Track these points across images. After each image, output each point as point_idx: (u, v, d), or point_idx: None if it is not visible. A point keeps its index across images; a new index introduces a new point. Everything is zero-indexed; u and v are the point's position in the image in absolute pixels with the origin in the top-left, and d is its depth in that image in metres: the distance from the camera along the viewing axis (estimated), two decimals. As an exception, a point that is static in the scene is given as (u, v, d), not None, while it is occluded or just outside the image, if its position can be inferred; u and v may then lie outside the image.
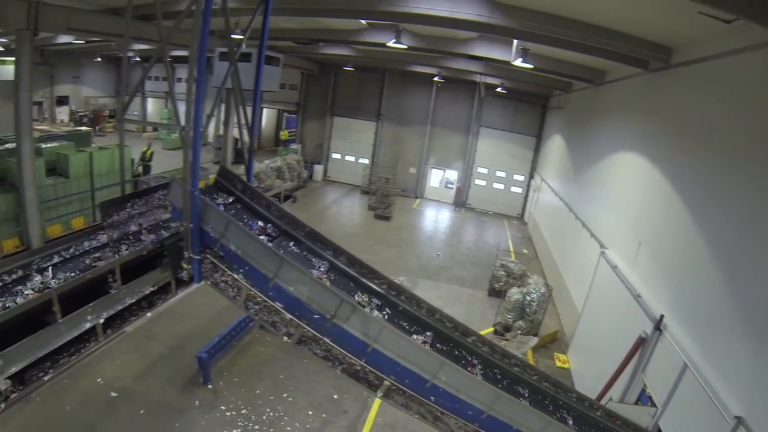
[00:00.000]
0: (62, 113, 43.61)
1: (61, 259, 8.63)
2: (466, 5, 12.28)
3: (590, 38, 12.08)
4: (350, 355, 8.25)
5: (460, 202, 34.32)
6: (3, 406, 7.25)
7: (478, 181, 34.46)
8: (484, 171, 34.18)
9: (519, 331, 16.41)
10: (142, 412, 11.56)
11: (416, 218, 31.82)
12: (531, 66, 16.66)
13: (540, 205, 29.13)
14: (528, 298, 16.71)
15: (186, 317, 15.01)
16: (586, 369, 14.17)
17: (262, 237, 9.00)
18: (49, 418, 10.97)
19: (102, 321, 8.27)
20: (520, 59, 15.57)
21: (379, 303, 9.13)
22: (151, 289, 9.27)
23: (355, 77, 36.07)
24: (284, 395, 12.55)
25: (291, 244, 9.48)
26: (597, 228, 16.26)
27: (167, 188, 9.83)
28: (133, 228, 9.72)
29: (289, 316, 8.15)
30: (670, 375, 8.96)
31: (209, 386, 12.48)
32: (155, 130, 43.73)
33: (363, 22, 18.92)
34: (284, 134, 41.82)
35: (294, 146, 37.06)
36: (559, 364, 15.37)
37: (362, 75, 35.60)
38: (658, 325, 9.98)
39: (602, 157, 17.55)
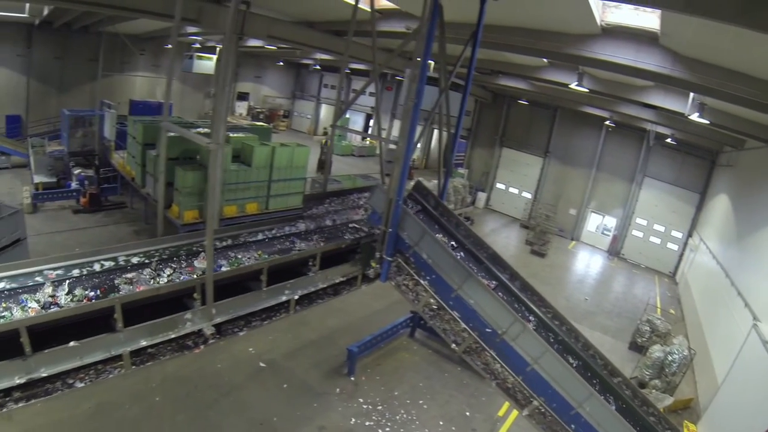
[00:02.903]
0: (241, 107, 49.40)
1: (265, 237, 10.34)
2: (650, 55, 12.72)
3: (770, 97, 12.00)
4: (509, 371, 9.14)
5: (614, 251, 33.83)
6: (202, 347, 8.96)
7: (635, 232, 33.78)
8: (643, 223, 33.44)
9: (654, 390, 16.39)
10: (285, 386, 13.29)
11: (570, 259, 32.13)
12: (707, 122, 16.70)
13: (695, 265, 28.11)
14: (669, 358, 16.61)
15: (340, 312, 16.60)
16: (716, 445, 13.86)
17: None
18: (201, 368, 13.13)
19: (296, 297, 9.82)
20: (697, 114, 15.69)
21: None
22: (341, 279, 10.72)
23: (528, 111, 36.97)
24: (420, 402, 13.60)
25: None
26: (753, 298, 15.81)
27: (370, 192, 11.26)
28: (328, 222, 11.30)
29: (462, 326, 9.18)
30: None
31: (352, 378, 13.91)
32: (325, 133, 47.62)
33: (544, 60, 19.70)
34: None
35: (461, 170, 38.40)
36: (686, 433, 15.21)
37: (534, 109, 36.46)
38: (805, 412, 9.80)
39: (770, 224, 17.05)
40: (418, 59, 9.51)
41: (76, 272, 8.96)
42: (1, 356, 6.89)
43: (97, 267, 9.14)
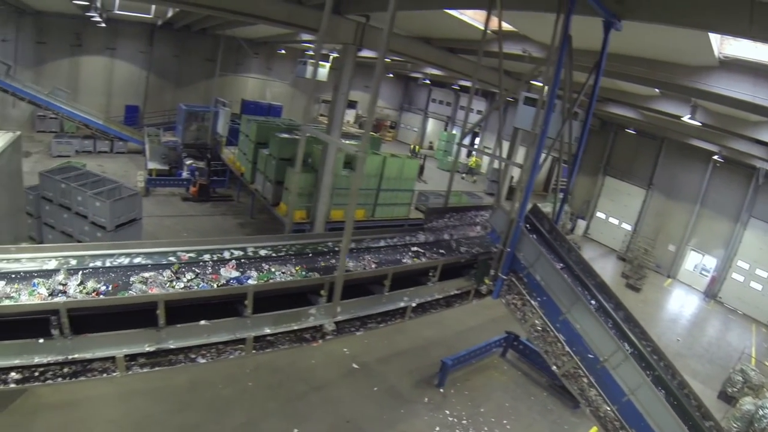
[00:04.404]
0: (349, 115, 50.82)
1: (387, 244, 11.02)
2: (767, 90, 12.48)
3: None
4: (604, 399, 9.38)
5: (710, 293, 32.35)
6: (320, 342, 9.63)
7: (735, 275, 32.12)
8: (745, 266, 31.82)
9: (740, 444, 15.95)
10: (375, 389, 13.98)
11: (664, 297, 31.30)
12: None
13: (797, 319, 26.94)
14: (761, 413, 15.93)
15: (436, 325, 17.06)
16: None
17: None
18: (294, 362, 14.09)
19: (413, 305, 10.39)
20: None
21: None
22: (455, 292, 11.24)
23: (634, 140, 36.24)
24: (504, 421, 13.87)
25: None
26: None
27: (491, 211, 11.78)
28: (446, 236, 11.87)
29: (566, 349, 9.51)
30: None
31: (441, 390, 14.41)
32: (431, 147, 49.75)
33: (656, 90, 19.57)
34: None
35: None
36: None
37: (640, 139, 35.71)
38: None
39: None
40: (546, 87, 9.93)
41: (206, 257, 9.70)
42: (136, 325, 7.61)
43: (227, 254, 9.92)
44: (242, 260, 9.76)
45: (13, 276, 7.87)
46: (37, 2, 30.13)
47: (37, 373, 7.12)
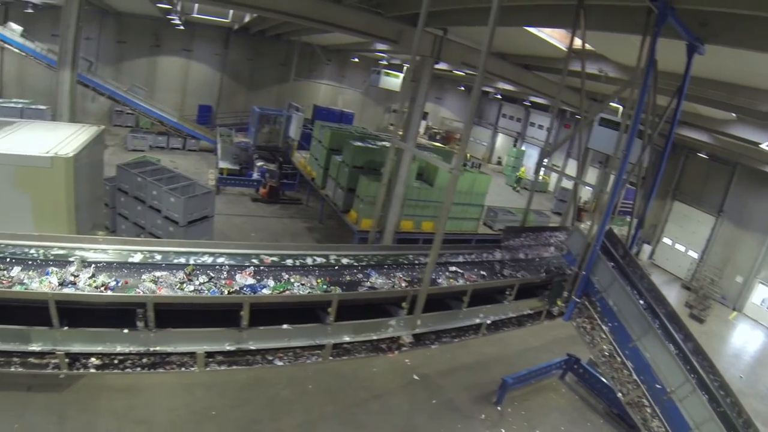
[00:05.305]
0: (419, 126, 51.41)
1: (464, 260, 11.33)
2: None
3: None
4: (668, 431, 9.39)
5: (778, 330, 31.34)
6: (396, 352, 9.95)
7: (804, 314, 31.03)
8: (816, 304, 30.68)
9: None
10: (434, 401, 14.20)
11: (728, 331, 30.13)
12: None
13: None
14: (823, 460, 15.61)
15: (498, 342, 16.91)
16: None
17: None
18: (355, 368, 14.48)
19: (488, 322, 10.64)
20: None
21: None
22: (528, 311, 11.45)
23: (705, 165, 34.97)
24: (559, 445, 14.04)
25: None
26: None
27: (567, 233, 11.92)
28: (521, 256, 12.08)
29: (633, 377, 9.58)
30: None
31: (498, 408, 14.51)
32: (499, 163, 50.89)
33: (733, 114, 19.22)
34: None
35: (629, 219, 36.66)
36: None
37: (712, 164, 34.44)
38: None
39: None
40: (628, 110, 10.02)
41: (289, 262, 10.08)
42: (218, 323, 8.00)
43: (309, 261, 10.30)
44: (260, 267, 9.72)
45: (30, 262, 8.09)
46: (120, 3, 32.01)
47: (116, 361, 7.52)
